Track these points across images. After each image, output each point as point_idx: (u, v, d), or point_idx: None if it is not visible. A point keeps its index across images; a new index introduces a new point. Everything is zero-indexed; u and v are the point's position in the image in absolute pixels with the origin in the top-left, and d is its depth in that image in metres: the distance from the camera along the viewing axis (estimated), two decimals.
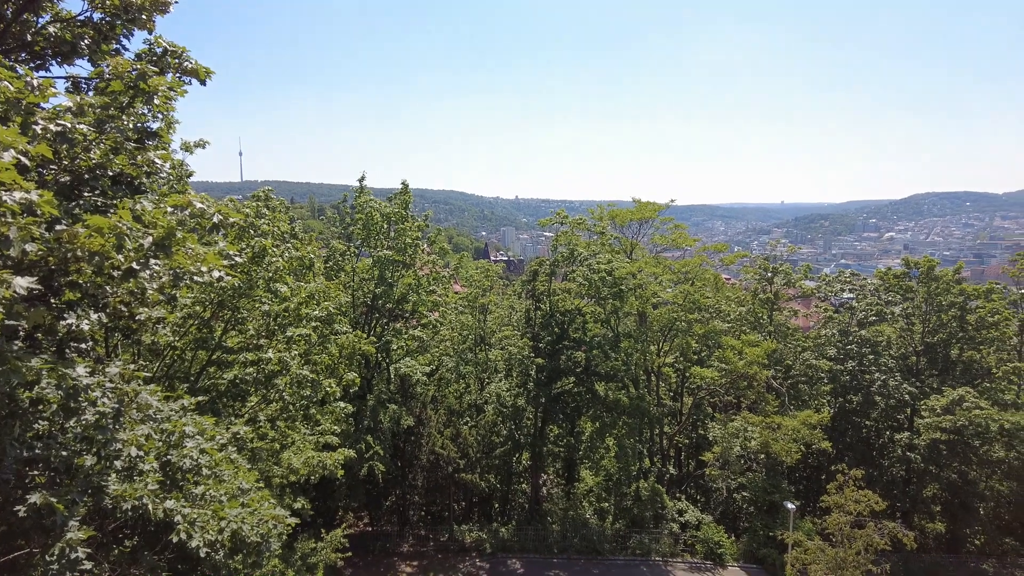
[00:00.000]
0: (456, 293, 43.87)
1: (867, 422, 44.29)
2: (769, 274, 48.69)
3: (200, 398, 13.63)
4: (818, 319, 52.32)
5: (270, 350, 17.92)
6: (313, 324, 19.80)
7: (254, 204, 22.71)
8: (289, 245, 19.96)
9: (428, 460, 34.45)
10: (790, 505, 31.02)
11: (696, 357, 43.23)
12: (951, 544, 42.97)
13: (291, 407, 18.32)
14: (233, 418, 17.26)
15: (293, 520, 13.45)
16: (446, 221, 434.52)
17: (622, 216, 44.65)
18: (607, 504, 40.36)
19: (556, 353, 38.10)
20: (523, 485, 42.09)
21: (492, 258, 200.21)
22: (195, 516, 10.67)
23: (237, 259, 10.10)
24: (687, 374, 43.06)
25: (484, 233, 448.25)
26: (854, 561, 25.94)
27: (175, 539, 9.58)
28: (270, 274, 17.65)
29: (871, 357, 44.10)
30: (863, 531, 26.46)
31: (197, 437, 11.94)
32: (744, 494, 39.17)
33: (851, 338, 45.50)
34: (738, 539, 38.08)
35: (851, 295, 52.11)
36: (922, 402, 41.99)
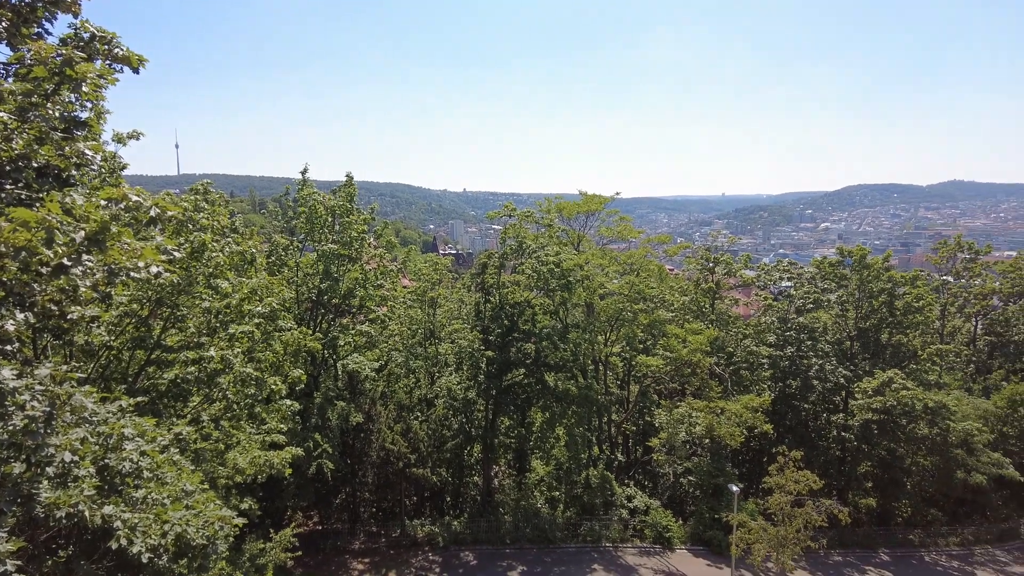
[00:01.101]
0: (404, 287, 43.44)
1: (805, 405, 46.13)
2: (711, 264, 50.07)
3: (139, 399, 13.15)
4: (758, 307, 54.09)
5: (212, 348, 17.39)
6: (256, 321, 19.29)
7: (193, 198, 21.92)
8: (230, 240, 19.38)
9: (378, 456, 34.10)
10: (734, 487, 32.05)
11: (642, 346, 44.11)
12: (882, 517, 45.30)
13: (235, 406, 17.85)
14: (175, 419, 16.70)
15: (240, 521, 13.15)
16: (393, 214, 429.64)
17: (569, 209, 45.08)
18: (558, 493, 40.86)
19: (506, 345, 38.25)
20: (475, 477, 42.19)
21: (441, 251, 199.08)
22: (136, 521, 10.32)
23: (176, 254, 9.74)
24: (633, 363, 43.91)
25: (432, 226, 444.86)
26: (794, 538, 27.08)
27: (115, 546, 9.25)
28: (210, 270, 17.11)
29: (808, 343, 45.90)
30: (802, 509, 27.62)
31: (137, 439, 11.53)
32: (690, 478, 40.29)
33: (789, 325, 47.24)
34: (685, 522, 39.16)
35: (789, 283, 54.08)
36: (855, 385, 44.05)
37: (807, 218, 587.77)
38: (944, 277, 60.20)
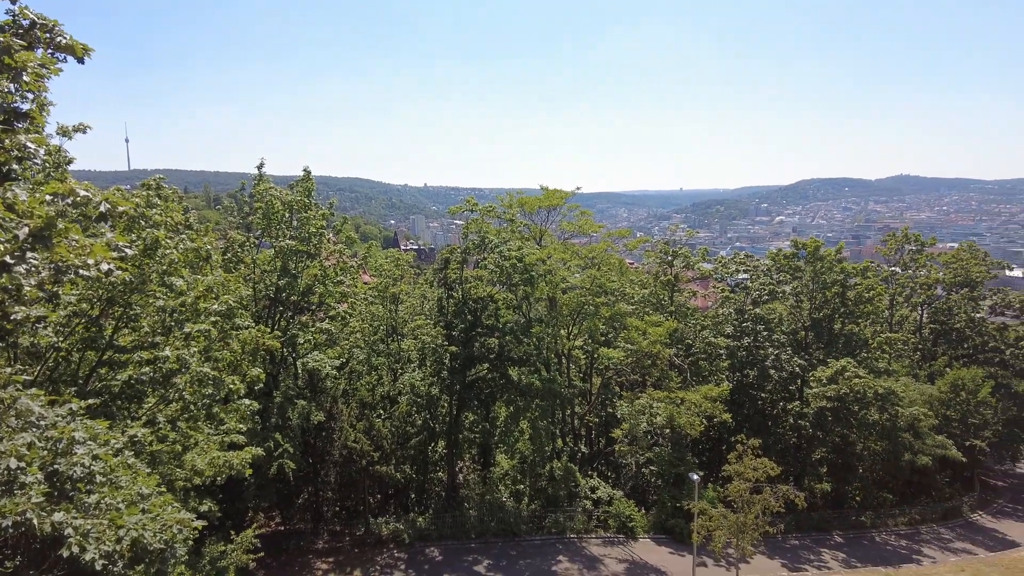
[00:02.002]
0: (365, 283, 43.00)
1: (762, 394, 47.30)
2: (669, 258, 50.88)
3: (91, 401, 12.74)
4: (715, 299, 55.17)
5: (167, 348, 16.92)
6: (213, 319, 18.84)
7: (144, 193, 21.24)
8: (184, 236, 18.85)
9: (341, 455, 33.70)
10: (694, 476, 32.67)
11: (604, 339, 44.57)
12: (836, 501, 46.84)
13: (192, 407, 17.41)
14: (129, 421, 16.22)
15: (200, 523, 12.89)
16: (352, 210, 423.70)
17: (531, 204, 45.19)
18: (523, 486, 41.04)
19: (470, 340, 38.20)
20: (440, 473, 42.07)
21: (402, 247, 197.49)
22: (89, 527, 10.03)
23: (128, 251, 9.42)
24: (595, 355, 44.33)
25: (393, 222, 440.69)
26: (753, 524, 27.76)
27: (66, 554, 8.97)
28: (164, 267, 16.63)
29: (765, 333, 47.04)
30: (761, 496, 28.32)
31: (89, 443, 11.19)
32: (652, 468, 40.92)
33: (746, 316, 48.33)
34: (648, 512, 39.80)
35: (745, 276, 55.28)
36: (810, 373, 45.38)
37: (762, 212, 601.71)
38: (893, 268, 62.38)
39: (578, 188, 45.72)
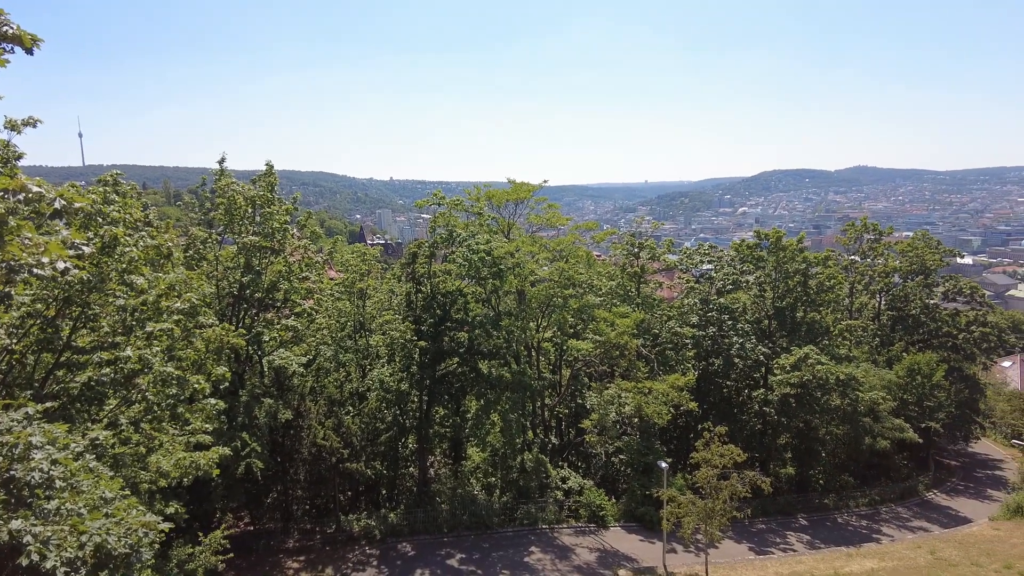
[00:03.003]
0: (331, 279, 42.48)
1: (728, 382, 48.19)
2: (636, 250, 51.43)
3: (48, 405, 12.37)
4: (681, 290, 55.90)
5: (128, 348, 16.50)
6: (176, 318, 18.42)
7: (101, 189, 20.61)
8: (144, 234, 18.35)
9: (310, 453, 33.34)
10: (663, 464, 33.19)
11: (572, 331, 44.87)
12: (800, 485, 48.13)
13: (156, 407, 17.03)
14: (90, 423, 15.79)
15: (166, 526, 12.66)
16: (317, 204, 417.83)
17: (498, 197, 45.13)
18: (494, 479, 41.18)
19: (439, 335, 38.08)
20: (411, 469, 41.95)
21: (368, 241, 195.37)
22: (49, 534, 9.78)
23: (85, 249, 9.14)
24: (565, 347, 44.62)
25: (359, 216, 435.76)
26: (721, 509, 28.33)
27: (25, 562, 8.73)
28: (124, 265, 16.17)
29: (729, 323, 47.88)
30: (728, 482, 28.91)
31: (47, 447, 10.90)
32: (621, 457, 41.43)
33: (711, 306, 49.11)
34: (618, 500, 40.30)
35: (710, 266, 56.16)
36: (774, 361, 46.37)
37: (726, 203, 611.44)
38: (852, 257, 64.06)
39: (545, 181, 45.81)
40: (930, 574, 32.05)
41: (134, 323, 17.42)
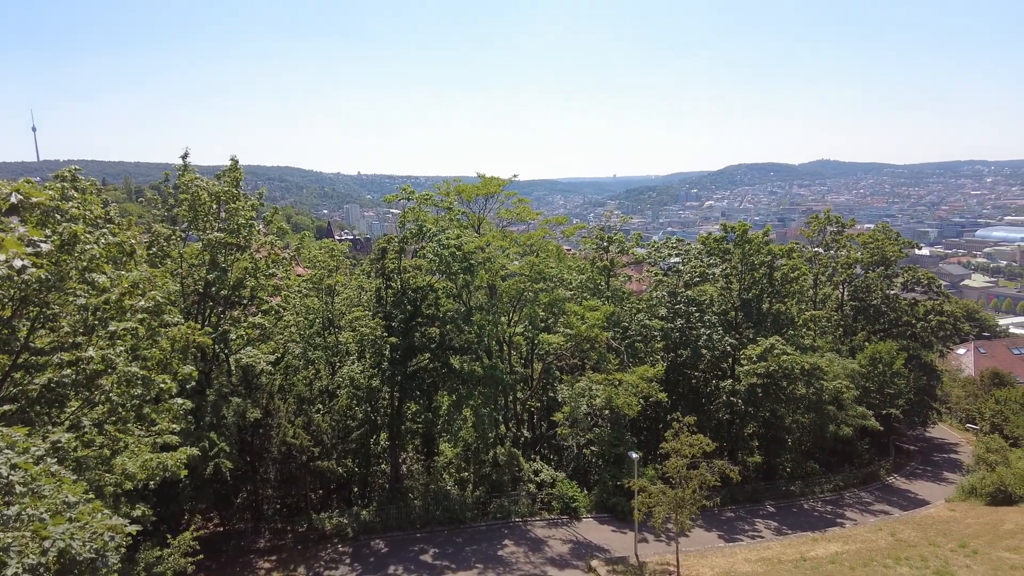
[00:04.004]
0: (299, 276, 41.97)
1: (696, 373, 48.93)
2: (605, 244, 51.85)
3: (6, 408, 12.04)
4: (650, 283, 56.55)
5: (90, 348, 16.09)
6: (140, 316, 18.01)
7: (59, 185, 19.98)
8: (105, 231, 17.89)
9: (280, 452, 32.93)
10: (633, 455, 33.58)
11: (543, 324, 45.08)
12: (767, 472, 49.20)
13: (121, 408, 16.64)
14: (51, 426, 15.38)
15: (133, 528, 12.44)
16: (283, 199, 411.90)
17: (468, 191, 45.05)
18: (467, 473, 41.22)
19: (410, 331, 37.90)
20: (383, 465, 41.72)
21: (337, 237, 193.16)
22: (9, 540, 9.57)
23: (44, 246, 8.90)
24: (536, 341, 44.82)
25: (326, 211, 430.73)
26: (691, 499, 28.76)
27: None
28: (84, 263, 15.74)
29: (697, 315, 48.59)
30: (697, 471, 29.35)
31: (6, 451, 10.63)
32: (593, 448, 41.82)
33: (679, 298, 49.77)
34: (590, 492, 40.68)
35: (678, 259, 56.90)
36: (741, 352, 47.23)
37: (693, 197, 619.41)
38: (816, 249, 65.53)
39: (515, 176, 45.87)
40: (890, 555, 33.05)
41: (96, 322, 16.98)
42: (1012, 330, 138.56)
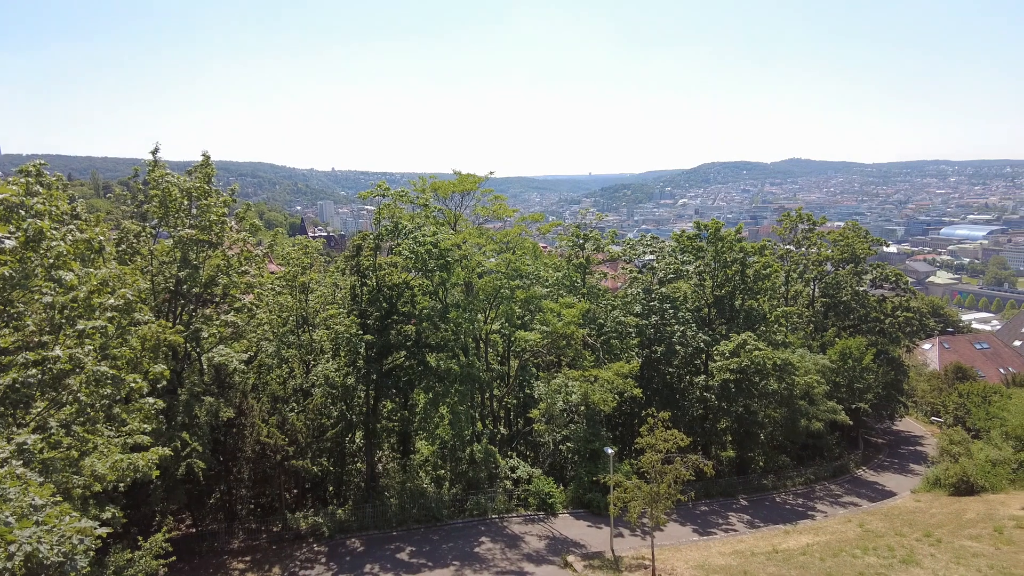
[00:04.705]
0: (272, 273, 41.42)
1: (670, 369, 49.44)
2: (581, 241, 52.14)
3: None
4: (624, 280, 57.05)
5: (57, 347, 15.71)
6: (109, 315, 17.63)
7: (23, 180, 19.43)
8: (72, 227, 17.48)
9: (254, 451, 32.52)
10: (609, 450, 33.82)
11: (520, 322, 45.17)
12: (740, 467, 49.95)
13: (89, 408, 16.27)
14: (15, 428, 15.00)
15: (103, 531, 12.22)
16: (256, 196, 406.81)
17: (444, 188, 44.89)
18: (444, 471, 41.16)
19: (385, 328, 37.68)
20: (358, 464, 41.46)
21: (310, 234, 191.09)
22: None
23: (7, 243, 8.67)
24: (512, 338, 44.89)
25: (299, 208, 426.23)
26: (666, 493, 29.07)
27: None
28: (50, 260, 15.38)
29: (671, 311, 49.10)
30: (672, 466, 29.66)
31: None
32: (569, 444, 42.05)
33: (653, 295, 50.25)
34: (566, 487, 40.90)
35: (652, 257, 57.46)
36: (714, 348, 47.86)
37: (667, 195, 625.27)
38: (787, 246, 66.66)
39: (491, 173, 45.81)
40: (859, 545, 33.79)
41: (63, 321, 16.59)
42: (974, 325, 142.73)
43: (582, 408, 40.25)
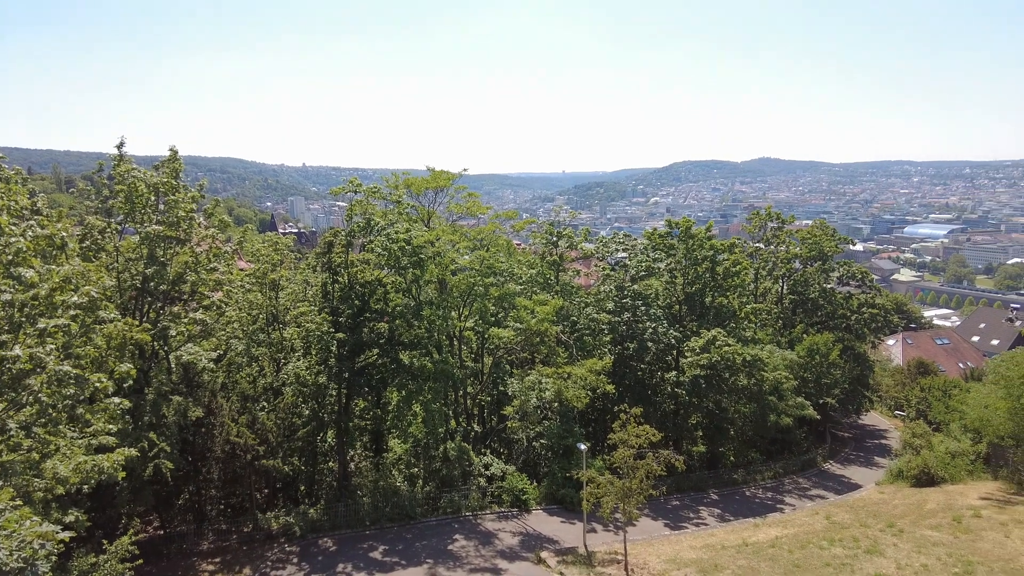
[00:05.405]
0: (242, 270, 40.81)
1: (642, 365, 49.89)
2: (554, 238, 52.36)
3: None
4: (597, 277, 57.44)
5: (17, 346, 15.27)
6: (72, 313, 17.17)
7: None
8: (33, 223, 16.99)
9: (223, 451, 32.01)
10: (582, 446, 34.03)
11: (494, 319, 45.18)
12: (711, 461, 50.65)
13: (51, 409, 15.84)
14: None
15: (65, 535, 11.95)
16: (225, 192, 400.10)
17: (417, 185, 44.67)
18: (417, 469, 41.00)
19: (358, 326, 37.36)
20: (330, 463, 41.09)
21: (281, 230, 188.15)
22: None
23: None
24: (486, 336, 44.88)
25: (269, 204, 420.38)
26: (638, 488, 29.34)
27: None
28: (9, 257, 14.94)
29: (643, 308, 49.53)
30: (644, 461, 29.95)
31: None
32: (542, 441, 42.20)
33: (626, 292, 50.64)
34: (540, 484, 41.06)
35: (624, 254, 57.95)
36: (685, 344, 48.43)
37: (639, 193, 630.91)
38: (757, 244, 67.75)
39: (465, 170, 45.71)
40: (826, 537, 34.53)
41: (23, 319, 16.11)
42: (936, 322, 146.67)
43: (556, 405, 40.41)
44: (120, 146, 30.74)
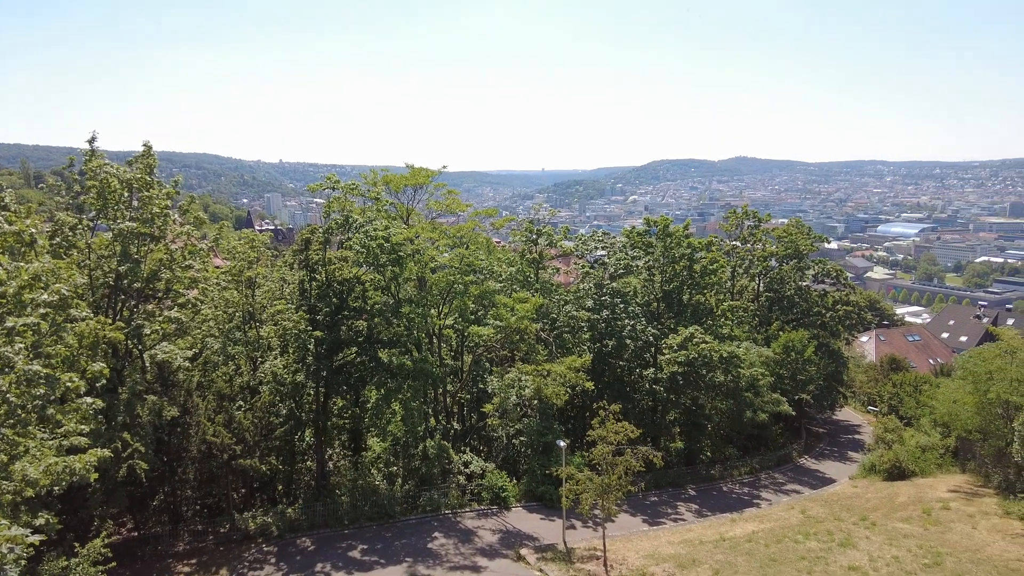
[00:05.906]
0: (217, 267, 40.27)
1: (621, 362, 50.20)
2: (534, 236, 52.46)
3: None
4: (577, 275, 57.75)
5: None
6: (42, 311, 16.80)
7: None
8: (0, 219, 16.59)
9: (199, 451, 31.58)
10: (561, 443, 34.14)
11: (473, 317, 45.10)
12: (688, 457, 51.17)
13: (20, 410, 15.49)
14: None
15: (35, 539, 11.71)
16: (200, 188, 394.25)
17: (396, 182, 44.43)
18: (396, 467, 40.83)
19: (336, 324, 37.06)
20: (308, 462, 40.76)
21: (257, 227, 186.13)
22: None
23: None
24: (466, 333, 44.81)
25: (246, 200, 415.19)
26: (617, 484, 29.54)
27: None
28: None
29: (621, 306, 49.82)
30: (622, 457, 30.15)
31: None
32: (522, 438, 42.29)
33: (604, 290, 50.89)
34: (519, 481, 41.13)
35: (603, 252, 58.28)
36: (663, 341, 48.80)
37: (618, 191, 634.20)
38: (733, 242, 68.48)
39: (444, 167, 45.52)
40: (801, 531, 35.10)
41: None
42: (907, 319, 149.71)
43: (535, 402, 40.49)
44: (92, 141, 30.13)
